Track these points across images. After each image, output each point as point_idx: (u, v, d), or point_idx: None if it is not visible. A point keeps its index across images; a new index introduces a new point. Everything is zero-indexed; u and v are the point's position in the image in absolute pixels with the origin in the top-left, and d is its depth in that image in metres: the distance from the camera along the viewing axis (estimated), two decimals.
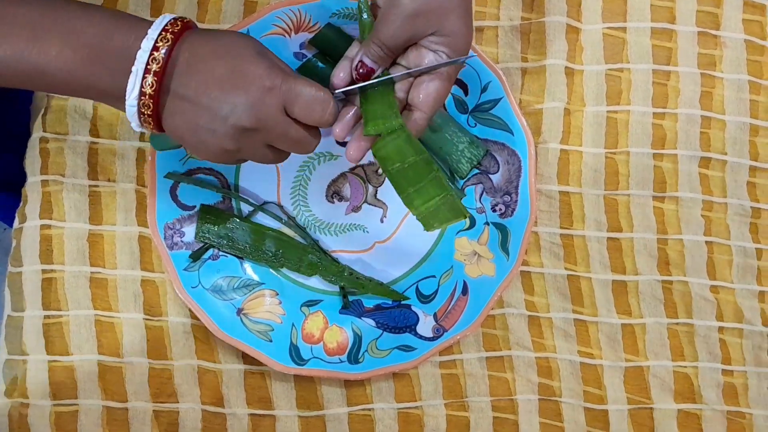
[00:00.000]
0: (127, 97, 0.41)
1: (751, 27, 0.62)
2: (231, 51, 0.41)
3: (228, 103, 0.41)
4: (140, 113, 0.41)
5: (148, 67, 0.40)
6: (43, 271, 0.56)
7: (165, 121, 0.42)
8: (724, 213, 0.61)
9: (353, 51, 0.47)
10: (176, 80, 0.41)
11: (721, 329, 0.59)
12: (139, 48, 0.40)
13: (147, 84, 0.40)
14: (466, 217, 0.46)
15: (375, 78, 0.46)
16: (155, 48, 0.40)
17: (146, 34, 0.40)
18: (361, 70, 0.45)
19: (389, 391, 0.56)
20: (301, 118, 0.43)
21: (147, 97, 0.40)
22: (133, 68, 0.40)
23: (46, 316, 0.55)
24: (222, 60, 0.41)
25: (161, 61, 0.40)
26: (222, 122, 0.41)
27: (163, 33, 0.40)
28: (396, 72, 0.46)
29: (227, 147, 0.42)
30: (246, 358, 0.56)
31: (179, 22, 0.41)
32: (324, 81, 0.56)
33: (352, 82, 0.46)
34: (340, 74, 0.46)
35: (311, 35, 0.57)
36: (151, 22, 0.41)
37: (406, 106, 0.47)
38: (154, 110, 0.41)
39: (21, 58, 0.40)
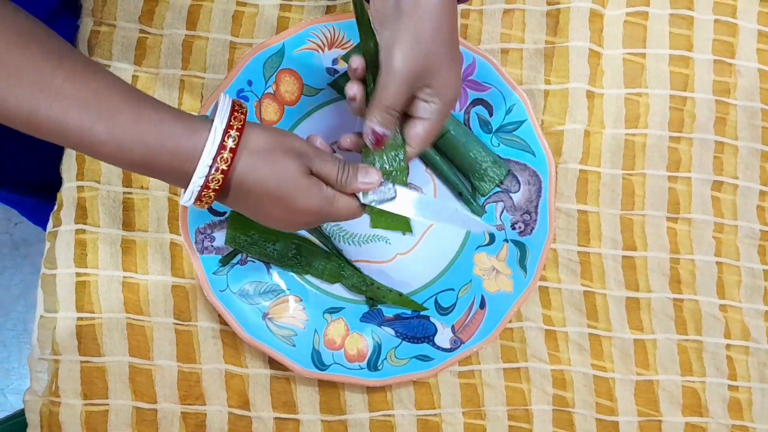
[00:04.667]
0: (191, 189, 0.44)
1: (765, 56, 0.64)
2: (279, 189, 0.45)
3: (281, 222, 0.47)
4: (198, 199, 0.44)
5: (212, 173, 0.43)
6: (77, 275, 0.58)
7: (227, 205, 0.47)
8: (735, 235, 0.63)
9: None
10: (232, 196, 0.45)
11: (728, 346, 0.62)
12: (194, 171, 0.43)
13: (212, 179, 0.43)
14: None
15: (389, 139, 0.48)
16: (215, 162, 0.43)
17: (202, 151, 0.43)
18: (372, 139, 0.47)
19: (409, 399, 0.59)
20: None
21: (210, 189, 0.44)
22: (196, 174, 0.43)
23: (79, 318, 0.57)
24: (270, 198, 0.45)
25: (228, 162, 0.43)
26: (275, 226, 0.48)
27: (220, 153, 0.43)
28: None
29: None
30: (272, 363, 0.58)
31: (235, 129, 0.43)
32: None
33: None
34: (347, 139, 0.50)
35: (344, 51, 0.59)
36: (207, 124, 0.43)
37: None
38: (215, 197, 0.45)
39: (83, 131, 0.41)
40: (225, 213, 0.58)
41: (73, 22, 0.61)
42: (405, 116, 0.48)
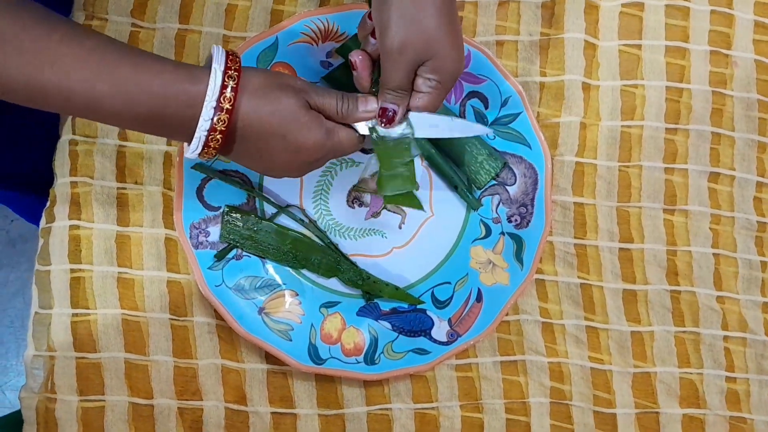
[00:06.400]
0: (195, 137, 0.45)
1: (761, 47, 0.64)
2: (282, 126, 0.46)
3: (286, 164, 0.48)
4: (206, 145, 0.45)
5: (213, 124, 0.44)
6: (72, 271, 0.57)
7: (232, 157, 0.48)
8: (731, 226, 0.63)
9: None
10: (238, 142, 0.46)
11: (725, 338, 0.62)
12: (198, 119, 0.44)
13: (218, 121, 0.44)
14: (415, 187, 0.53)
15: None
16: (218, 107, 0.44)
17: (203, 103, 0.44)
18: (384, 118, 0.49)
19: (407, 392, 0.58)
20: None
21: (217, 132, 0.45)
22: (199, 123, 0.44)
23: (74, 314, 0.57)
24: (275, 136, 0.46)
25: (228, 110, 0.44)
26: (282, 172, 0.50)
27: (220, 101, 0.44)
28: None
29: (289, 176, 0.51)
30: (269, 358, 0.58)
31: (233, 73, 0.44)
32: (348, 89, 0.58)
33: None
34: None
35: (338, 44, 0.58)
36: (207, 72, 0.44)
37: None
38: (222, 145, 0.46)
39: (82, 90, 0.42)
40: (220, 208, 0.58)
41: (65, 16, 0.60)
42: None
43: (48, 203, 0.59)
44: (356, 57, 0.49)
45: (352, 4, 0.59)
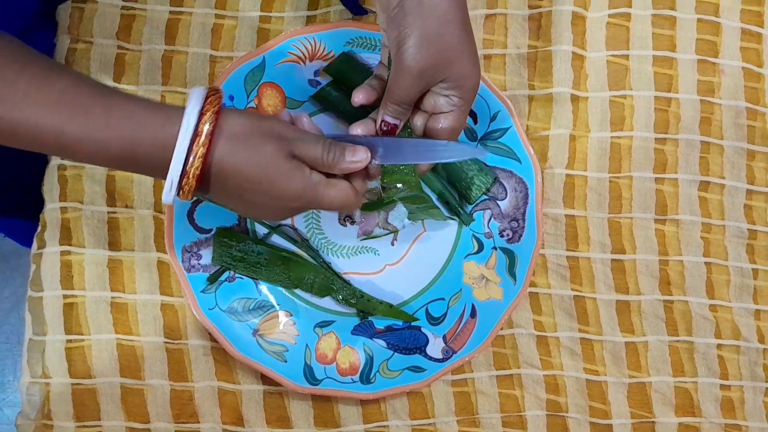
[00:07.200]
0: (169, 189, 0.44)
1: (749, 54, 0.64)
2: (260, 174, 0.44)
3: (267, 210, 0.47)
4: (180, 188, 0.44)
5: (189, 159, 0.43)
6: (64, 296, 0.57)
7: (210, 198, 0.47)
8: (722, 235, 0.63)
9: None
10: (213, 185, 0.45)
11: (719, 346, 0.62)
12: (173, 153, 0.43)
13: (192, 165, 0.43)
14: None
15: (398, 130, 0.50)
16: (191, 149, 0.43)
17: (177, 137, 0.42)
18: (384, 128, 0.49)
19: (403, 409, 0.58)
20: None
21: (190, 176, 0.43)
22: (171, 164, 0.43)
23: (69, 341, 0.57)
24: (253, 183, 0.45)
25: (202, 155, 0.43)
26: (262, 215, 0.49)
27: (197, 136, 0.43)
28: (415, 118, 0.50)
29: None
30: (264, 379, 0.58)
31: (212, 114, 0.43)
32: (337, 108, 0.58)
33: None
34: (358, 129, 0.50)
35: (326, 63, 0.58)
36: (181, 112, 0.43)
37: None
38: (196, 189, 0.44)
39: (59, 131, 0.41)
40: (211, 230, 0.57)
41: (49, 39, 0.60)
42: (423, 112, 0.49)
43: (39, 228, 0.58)
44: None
45: (338, 22, 0.59)
